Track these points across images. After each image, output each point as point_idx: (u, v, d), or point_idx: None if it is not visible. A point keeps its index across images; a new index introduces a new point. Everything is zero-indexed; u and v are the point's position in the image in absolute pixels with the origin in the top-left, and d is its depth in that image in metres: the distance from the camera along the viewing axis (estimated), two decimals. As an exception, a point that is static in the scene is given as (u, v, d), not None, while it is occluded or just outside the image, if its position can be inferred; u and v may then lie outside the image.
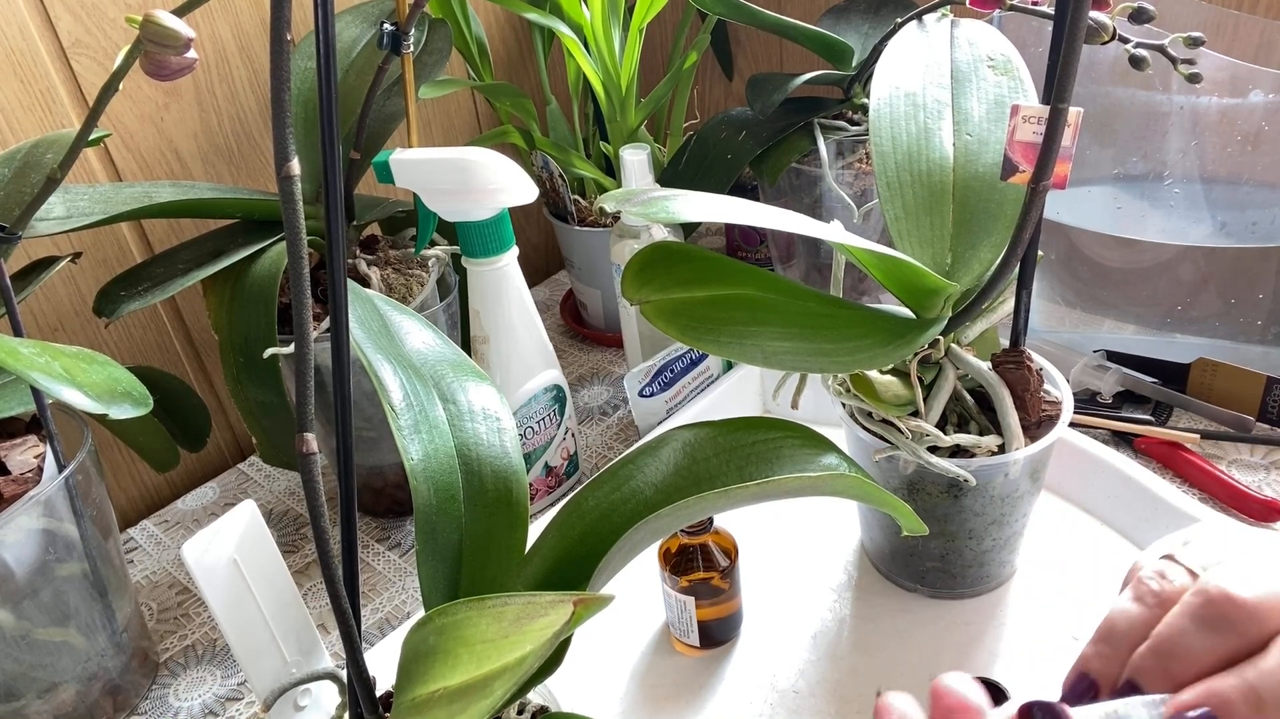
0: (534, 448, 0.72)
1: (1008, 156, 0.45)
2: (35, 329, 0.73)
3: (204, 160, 0.79)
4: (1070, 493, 0.67)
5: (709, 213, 0.43)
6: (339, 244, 0.33)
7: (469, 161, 0.61)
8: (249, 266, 0.63)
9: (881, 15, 0.83)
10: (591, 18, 0.82)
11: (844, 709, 0.56)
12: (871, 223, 0.80)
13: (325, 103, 0.32)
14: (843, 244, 0.45)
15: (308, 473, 0.33)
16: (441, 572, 0.41)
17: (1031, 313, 0.56)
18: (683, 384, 0.77)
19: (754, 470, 0.42)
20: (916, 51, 0.57)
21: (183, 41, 0.43)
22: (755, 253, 1.01)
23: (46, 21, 0.68)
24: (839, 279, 0.57)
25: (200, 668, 0.65)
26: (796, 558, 0.66)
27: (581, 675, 0.59)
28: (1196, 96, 0.68)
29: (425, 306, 0.69)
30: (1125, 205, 0.75)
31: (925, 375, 0.55)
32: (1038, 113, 0.44)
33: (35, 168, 0.57)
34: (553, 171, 0.88)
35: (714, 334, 0.47)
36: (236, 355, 0.63)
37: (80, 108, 0.71)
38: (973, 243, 0.52)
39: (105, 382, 0.44)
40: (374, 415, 0.69)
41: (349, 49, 0.70)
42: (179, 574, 0.73)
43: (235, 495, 0.81)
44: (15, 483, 0.56)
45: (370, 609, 0.68)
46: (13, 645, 0.55)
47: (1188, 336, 0.75)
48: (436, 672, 0.31)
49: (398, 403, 0.41)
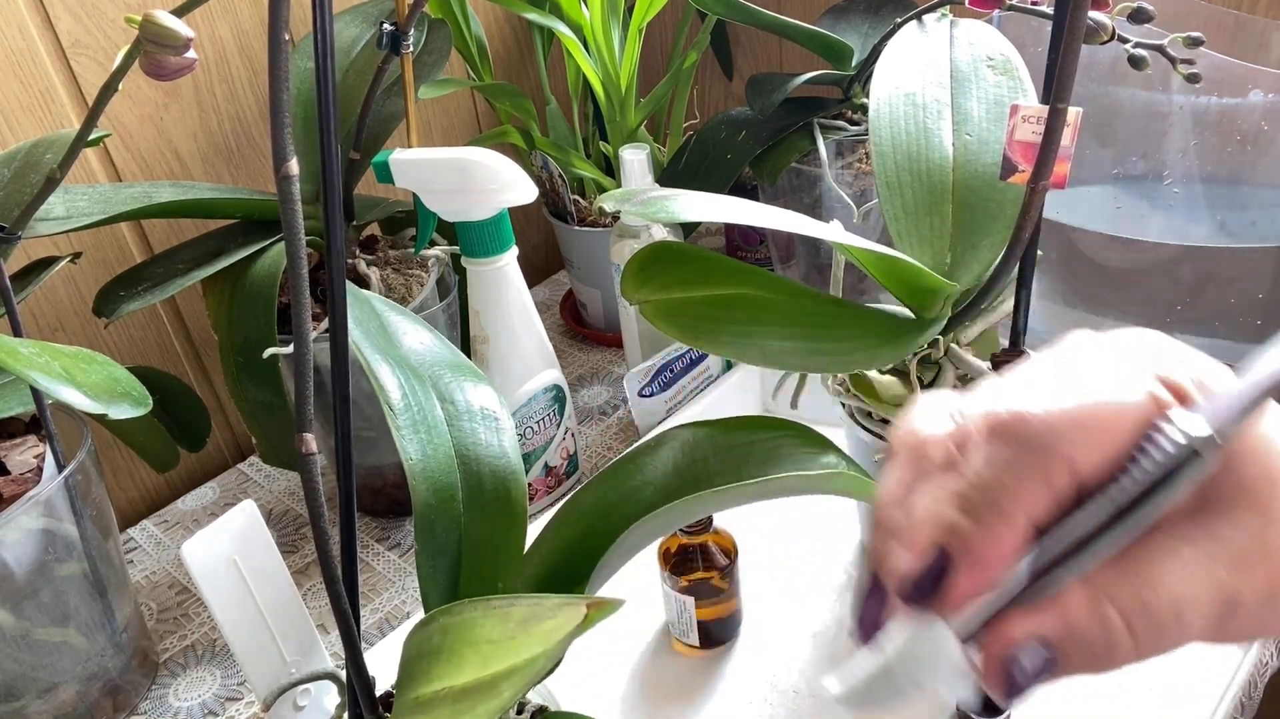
0: (534, 448, 0.72)
1: (1007, 156, 0.45)
2: (35, 329, 0.73)
3: (204, 160, 0.79)
4: (1070, 493, 0.67)
5: (709, 213, 0.43)
6: (338, 244, 0.33)
7: (469, 161, 0.61)
8: (249, 267, 0.63)
9: (881, 15, 0.83)
10: (591, 18, 0.82)
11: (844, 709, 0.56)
12: (871, 223, 0.80)
13: (324, 103, 0.32)
14: (842, 244, 0.45)
15: (307, 473, 0.33)
16: (441, 571, 0.41)
17: (1031, 313, 0.56)
18: (682, 384, 0.77)
19: (753, 469, 0.42)
20: (916, 51, 0.57)
21: (182, 41, 0.43)
22: (755, 253, 1.00)
23: (46, 21, 0.68)
24: (839, 279, 0.57)
25: (200, 668, 0.65)
26: (796, 558, 0.66)
27: (581, 675, 0.59)
28: (1196, 96, 0.68)
29: (425, 306, 0.69)
30: (1125, 205, 0.75)
31: (925, 375, 0.55)
32: (1037, 112, 0.44)
33: (35, 168, 0.57)
34: (553, 171, 0.88)
35: (714, 334, 0.47)
36: (236, 355, 0.63)
37: (80, 108, 0.71)
38: (972, 243, 0.52)
39: (105, 382, 0.44)
40: (373, 415, 0.69)
41: (348, 49, 0.70)
42: (179, 574, 0.73)
43: (235, 495, 0.81)
44: (15, 483, 0.56)
45: (370, 609, 0.68)
46: (13, 645, 0.55)
47: (1187, 336, 0.75)
48: (440, 671, 0.31)
49: (396, 403, 0.41)
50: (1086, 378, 0.24)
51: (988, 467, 0.23)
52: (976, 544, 0.23)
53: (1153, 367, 0.24)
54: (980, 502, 0.23)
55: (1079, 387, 0.24)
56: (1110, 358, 0.25)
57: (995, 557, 0.23)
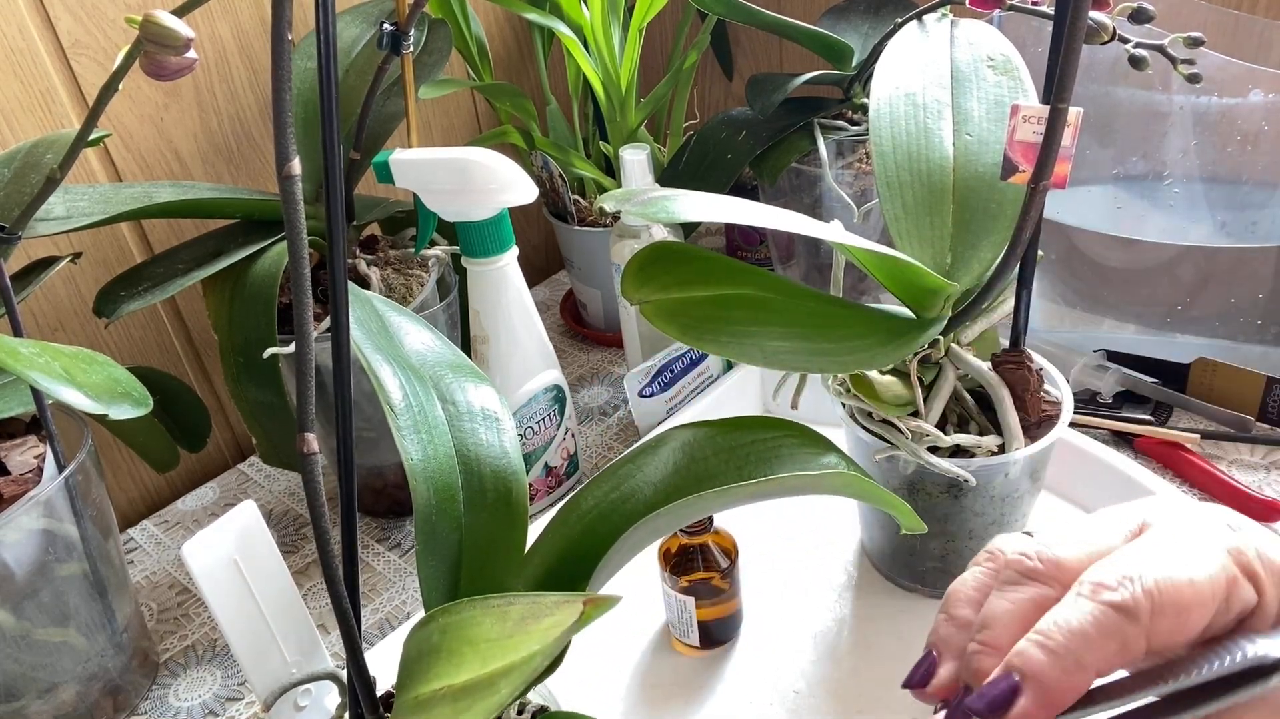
0: (534, 448, 0.72)
1: (1008, 156, 0.46)
2: (35, 329, 0.73)
3: (204, 160, 0.79)
4: (1070, 493, 0.67)
5: (709, 213, 0.43)
6: (339, 244, 0.33)
7: (469, 161, 0.61)
8: (249, 267, 0.63)
9: (881, 15, 0.83)
10: (591, 18, 0.82)
11: (844, 709, 0.56)
12: (871, 223, 0.80)
13: (326, 103, 0.32)
14: (843, 244, 0.45)
15: (308, 473, 0.33)
16: (441, 571, 0.41)
17: (1031, 313, 0.56)
18: (682, 384, 0.77)
19: (753, 469, 0.42)
20: (916, 51, 0.57)
21: (182, 41, 0.43)
22: (755, 253, 1.00)
23: (46, 21, 0.68)
24: (839, 279, 0.57)
25: (200, 668, 0.65)
26: (796, 558, 0.66)
27: (581, 675, 0.59)
28: (1196, 96, 0.68)
29: (425, 307, 0.69)
30: (1125, 205, 0.75)
31: (925, 375, 0.55)
32: (1038, 113, 0.44)
33: (35, 168, 0.57)
34: (553, 171, 0.88)
35: (714, 334, 0.47)
36: (236, 355, 0.63)
37: (80, 108, 0.71)
38: (973, 243, 0.52)
39: (105, 382, 0.44)
40: (374, 415, 0.69)
41: (349, 49, 0.70)
42: (179, 574, 0.73)
43: (235, 495, 0.81)
44: (15, 483, 0.56)
45: (370, 609, 0.68)
46: (13, 646, 0.55)
47: (1188, 336, 0.75)
48: (440, 670, 0.31)
49: (397, 403, 0.41)
50: (1169, 554, 0.27)
51: (1076, 614, 0.27)
52: (1050, 682, 0.26)
53: (1224, 542, 0.27)
54: (1062, 648, 0.26)
55: (1165, 562, 0.27)
56: (1192, 537, 0.28)
57: (1062, 700, 0.26)
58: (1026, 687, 0.27)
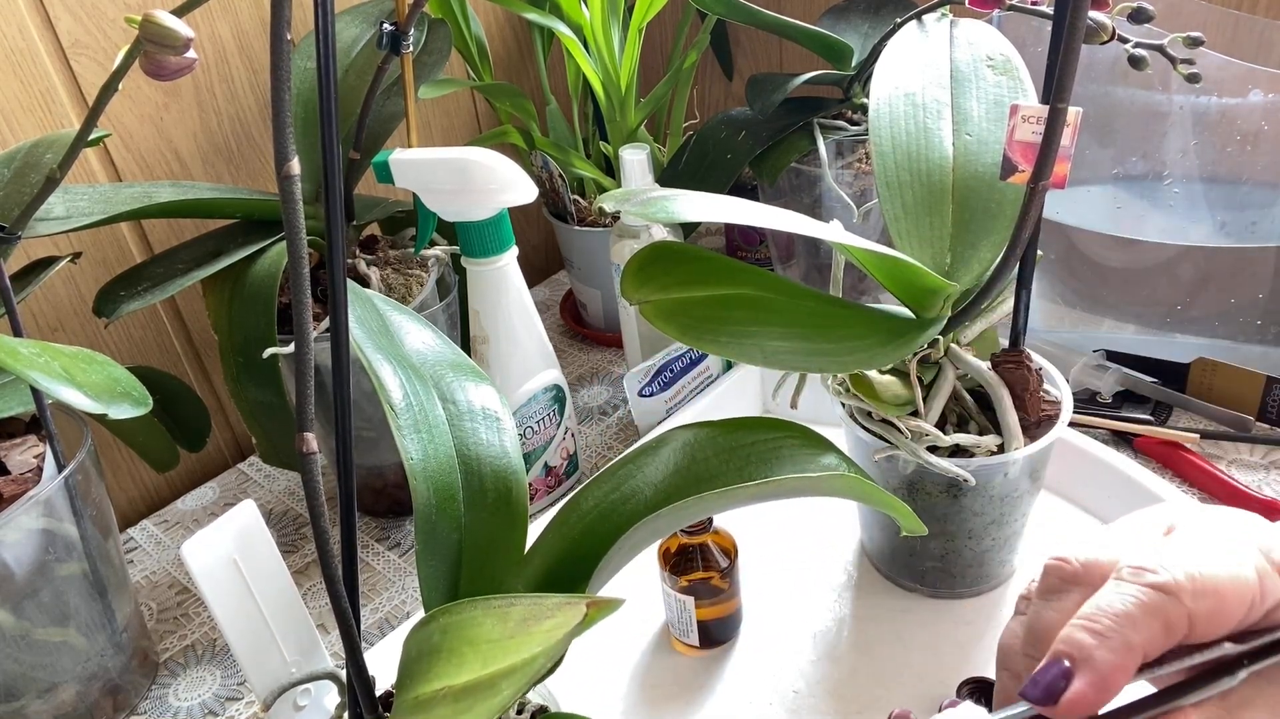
0: (534, 448, 0.72)
1: (1007, 156, 0.46)
2: (35, 329, 0.73)
3: (204, 160, 0.79)
4: (1070, 493, 0.67)
5: (709, 213, 0.43)
6: (339, 244, 0.33)
7: (469, 161, 0.61)
8: (249, 267, 0.63)
9: (881, 15, 0.83)
10: (591, 18, 0.82)
11: (844, 709, 0.56)
12: (871, 223, 0.80)
13: (325, 103, 0.32)
14: (842, 244, 0.45)
15: (308, 473, 0.33)
16: (441, 571, 0.41)
17: (1031, 313, 0.56)
18: (682, 384, 0.77)
19: (753, 470, 0.42)
20: (916, 51, 0.57)
21: (182, 41, 0.43)
22: (755, 253, 1.00)
23: (46, 21, 0.68)
24: (839, 279, 0.57)
25: (200, 668, 0.65)
26: (796, 558, 0.66)
27: (581, 675, 0.59)
28: (1196, 96, 0.68)
29: (425, 307, 0.69)
30: (1125, 205, 0.75)
31: (925, 375, 0.55)
32: (1037, 112, 0.44)
33: (35, 168, 0.57)
34: (553, 171, 0.88)
35: (714, 334, 0.47)
36: (236, 355, 0.63)
37: (80, 108, 0.71)
38: (972, 242, 0.52)
39: (105, 382, 0.44)
40: (373, 415, 0.69)
41: (349, 49, 0.70)
42: (179, 574, 0.73)
43: (235, 495, 0.81)
44: (15, 483, 0.56)
45: (370, 609, 0.68)
46: (13, 645, 0.55)
47: (1187, 336, 0.75)
48: (440, 670, 0.31)
49: (397, 402, 0.41)
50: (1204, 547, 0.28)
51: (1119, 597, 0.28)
52: (1101, 665, 0.27)
53: (1257, 542, 0.29)
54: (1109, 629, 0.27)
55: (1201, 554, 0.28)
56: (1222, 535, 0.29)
57: (1114, 683, 0.27)
58: (1079, 670, 0.27)
